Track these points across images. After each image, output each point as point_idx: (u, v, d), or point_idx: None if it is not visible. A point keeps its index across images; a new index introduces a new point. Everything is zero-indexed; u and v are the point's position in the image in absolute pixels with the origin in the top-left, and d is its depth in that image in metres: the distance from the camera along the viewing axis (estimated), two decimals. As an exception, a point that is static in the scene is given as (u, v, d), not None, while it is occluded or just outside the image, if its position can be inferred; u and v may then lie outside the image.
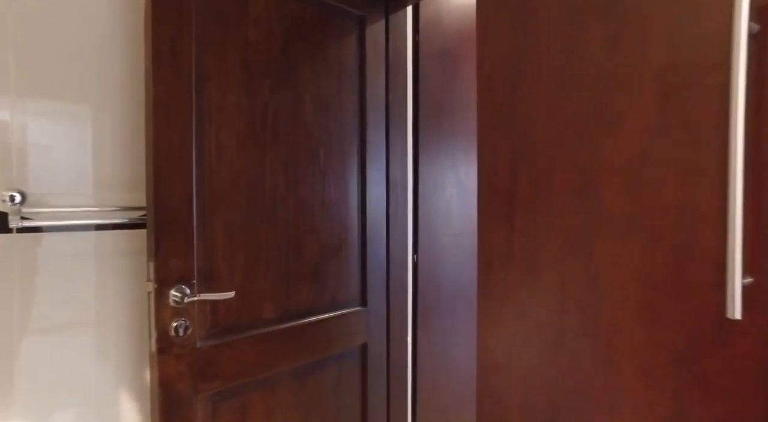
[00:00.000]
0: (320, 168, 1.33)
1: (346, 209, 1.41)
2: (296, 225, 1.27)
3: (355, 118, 1.44)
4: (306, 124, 1.29)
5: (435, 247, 1.81)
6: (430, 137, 1.77)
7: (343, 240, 1.40)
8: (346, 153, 1.41)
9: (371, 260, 1.49)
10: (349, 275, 1.43)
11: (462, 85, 1.93)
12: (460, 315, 1.95)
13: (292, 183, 1.26)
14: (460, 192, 1.94)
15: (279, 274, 1.23)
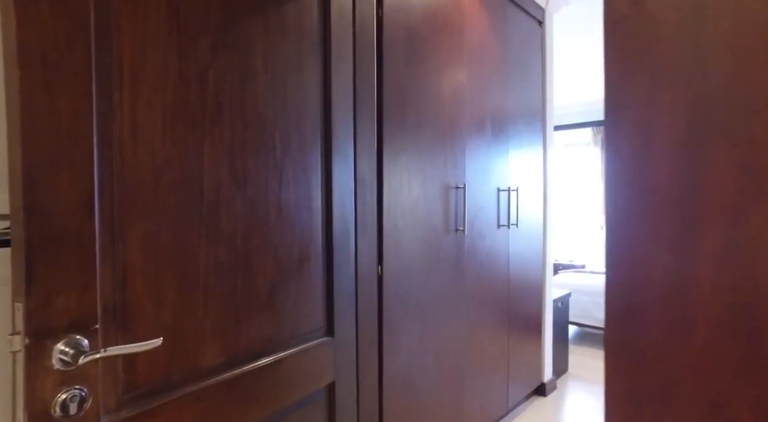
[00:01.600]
0: (276, 159, 1.02)
1: (308, 214, 1.11)
2: (246, 237, 0.95)
3: (318, 96, 1.14)
4: (258, 101, 0.97)
5: (402, 256, 1.56)
6: (394, 130, 1.52)
7: (305, 255, 1.10)
8: (308, 141, 1.11)
9: (338, 277, 1.20)
10: (312, 299, 1.12)
11: (428, 72, 1.70)
12: (430, 331, 1.72)
13: (240, 179, 0.93)
14: (428, 192, 1.71)
15: (224, 304, 0.90)
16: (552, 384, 2.68)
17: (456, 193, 1.91)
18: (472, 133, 2.03)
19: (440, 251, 1.80)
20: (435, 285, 1.76)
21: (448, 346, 1.84)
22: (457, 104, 1.90)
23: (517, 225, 2.37)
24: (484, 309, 2.13)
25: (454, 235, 1.90)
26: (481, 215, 2.11)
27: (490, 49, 2.15)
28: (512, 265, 2.38)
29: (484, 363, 2.12)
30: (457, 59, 1.90)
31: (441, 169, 1.81)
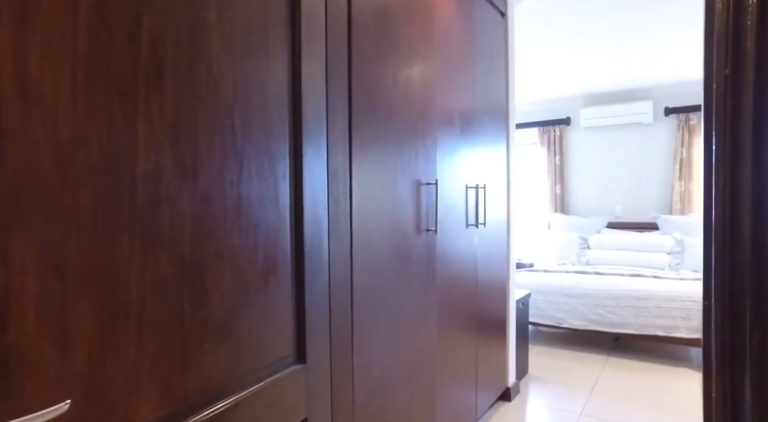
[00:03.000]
0: (235, 144, 0.79)
1: (275, 212, 0.88)
2: (197, 242, 0.71)
3: (285, 70, 0.92)
4: (212, 66, 0.74)
5: (373, 261, 1.37)
6: (363, 119, 1.32)
7: (272, 263, 0.88)
8: (274, 124, 0.88)
9: (310, 290, 0.98)
10: (280, 318, 0.90)
11: (400, 57, 1.52)
12: (403, 342, 1.54)
13: (188, 168, 0.70)
14: (399, 188, 1.53)
15: (167, 336, 0.66)
16: (516, 387, 2.60)
17: (427, 190, 1.75)
18: (442, 126, 1.88)
19: (411, 253, 1.63)
20: (407, 292, 1.58)
21: (420, 357, 1.67)
22: (428, 94, 1.74)
23: (485, 224, 2.26)
24: (454, 314, 1.98)
25: (425, 236, 1.74)
26: (451, 214, 1.96)
27: (457, 38, 2.01)
28: (480, 267, 2.26)
29: (455, 372, 1.98)
30: (428, 46, 1.73)
31: (412, 163, 1.63)
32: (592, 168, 4.81)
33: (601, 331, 3.12)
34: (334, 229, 1.11)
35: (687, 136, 4.27)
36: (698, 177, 4.23)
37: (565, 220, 4.60)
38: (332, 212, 1.10)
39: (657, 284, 3.13)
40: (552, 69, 3.91)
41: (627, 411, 2.33)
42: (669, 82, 4.20)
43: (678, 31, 3.10)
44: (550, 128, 4.95)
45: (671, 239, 3.89)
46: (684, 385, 2.65)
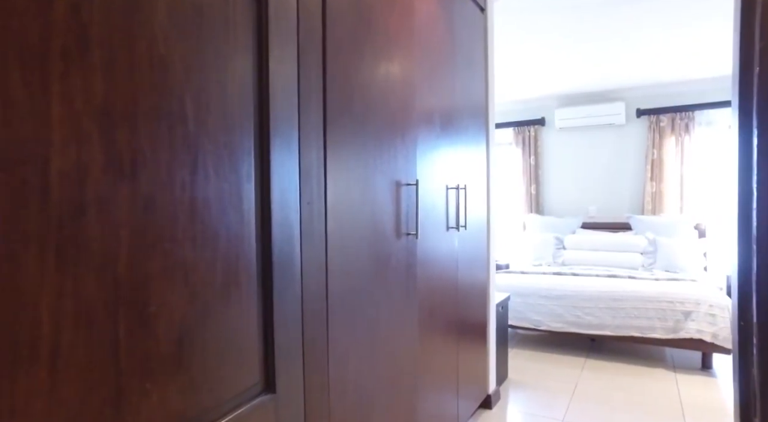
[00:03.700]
0: (188, 136, 0.65)
1: (237, 217, 0.75)
2: (136, 257, 0.57)
3: (249, 50, 0.79)
4: (156, 38, 0.60)
5: (349, 268, 1.25)
6: (339, 113, 1.20)
7: (233, 277, 0.74)
8: (235, 113, 0.75)
9: (280, 305, 0.85)
10: (244, 341, 0.77)
11: (378, 48, 1.40)
12: (381, 356, 1.42)
13: (124, 164, 0.56)
14: (377, 189, 1.41)
15: (94, 378, 0.52)
16: (496, 394, 2.53)
17: (407, 191, 1.64)
18: (423, 123, 1.77)
19: (391, 259, 1.52)
20: (387, 301, 1.47)
21: (400, 368, 1.56)
22: (408, 89, 1.63)
23: (466, 227, 2.17)
24: (435, 322, 1.88)
25: (406, 240, 1.63)
26: (432, 216, 1.86)
27: (437, 32, 1.91)
28: (460, 271, 2.17)
29: (436, 382, 1.88)
30: (408, 38, 1.63)
31: (392, 162, 1.52)
32: (566, 168, 4.82)
33: (578, 333, 3.09)
34: (307, 235, 0.99)
35: (658, 137, 4.33)
36: (669, 177, 4.29)
37: (541, 221, 4.59)
38: (305, 215, 0.98)
39: (633, 285, 3.13)
40: (527, 69, 3.88)
41: (608, 416, 2.28)
42: (641, 83, 4.24)
43: (650, 32, 3.11)
44: (525, 128, 4.94)
45: (644, 239, 3.93)
46: (661, 386, 2.64)
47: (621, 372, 2.86)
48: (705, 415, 2.29)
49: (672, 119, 4.27)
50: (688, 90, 4.26)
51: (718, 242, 4.20)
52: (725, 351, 2.78)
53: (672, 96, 4.33)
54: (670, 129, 4.29)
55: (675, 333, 2.85)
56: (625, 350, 3.29)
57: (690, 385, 2.65)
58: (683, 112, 4.22)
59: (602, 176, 4.64)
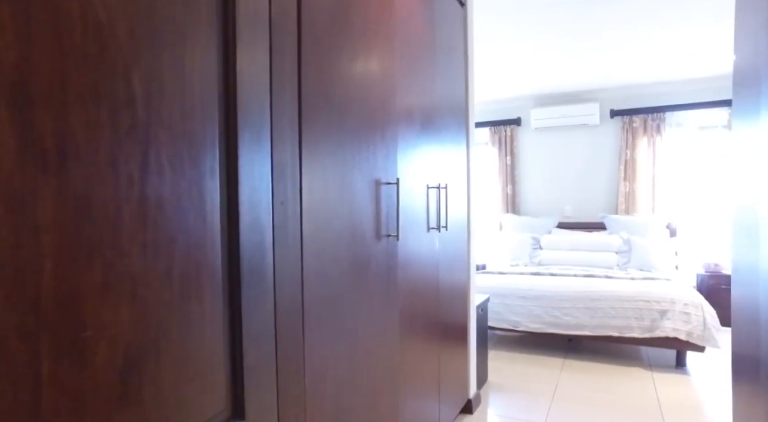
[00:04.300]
0: (135, 121, 0.55)
1: (198, 220, 0.65)
2: (66, 270, 0.47)
3: (213, 27, 0.68)
4: (93, 0, 0.50)
5: (328, 273, 1.15)
6: (316, 107, 1.10)
7: (194, 289, 0.64)
8: (196, 99, 0.65)
9: (249, 318, 0.75)
10: (206, 363, 0.66)
11: (356, 39, 1.31)
12: (361, 367, 1.33)
13: (49, 155, 0.45)
14: (356, 188, 1.32)
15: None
16: (477, 398, 2.47)
17: (387, 190, 1.55)
18: (403, 120, 1.69)
19: (371, 262, 1.43)
20: (367, 306, 1.37)
21: (381, 377, 1.47)
22: (388, 83, 1.55)
23: (447, 227, 2.10)
24: (416, 326, 1.80)
25: (386, 242, 1.54)
26: (413, 217, 1.78)
27: (418, 25, 1.84)
28: (441, 273, 2.10)
29: (417, 388, 1.80)
30: (387, 30, 1.54)
31: (371, 159, 1.43)
32: (542, 168, 4.84)
33: (557, 334, 3.08)
34: (281, 238, 0.89)
35: (631, 137, 4.39)
36: (641, 178, 4.36)
37: (517, 221, 4.59)
38: (278, 217, 0.87)
39: (610, 284, 3.13)
40: (503, 68, 3.86)
41: (590, 417, 2.26)
42: (614, 84, 4.29)
43: (624, 33, 3.12)
44: (502, 128, 4.94)
45: (619, 239, 3.96)
46: (639, 385, 2.64)
47: (599, 372, 2.85)
48: (682, 414, 2.29)
49: (644, 120, 4.34)
50: (659, 91, 4.34)
51: (688, 241, 4.29)
52: (699, 349, 2.81)
53: (644, 97, 4.39)
54: (643, 130, 4.35)
55: (651, 332, 2.86)
56: (602, 349, 3.30)
57: (666, 384, 2.67)
58: (654, 114, 4.29)
59: (577, 176, 4.67)
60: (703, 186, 4.28)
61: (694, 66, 3.78)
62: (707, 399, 2.47)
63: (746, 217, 1.08)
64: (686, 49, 3.41)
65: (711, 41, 3.26)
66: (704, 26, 3.02)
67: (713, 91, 4.17)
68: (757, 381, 1.02)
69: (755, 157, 1.01)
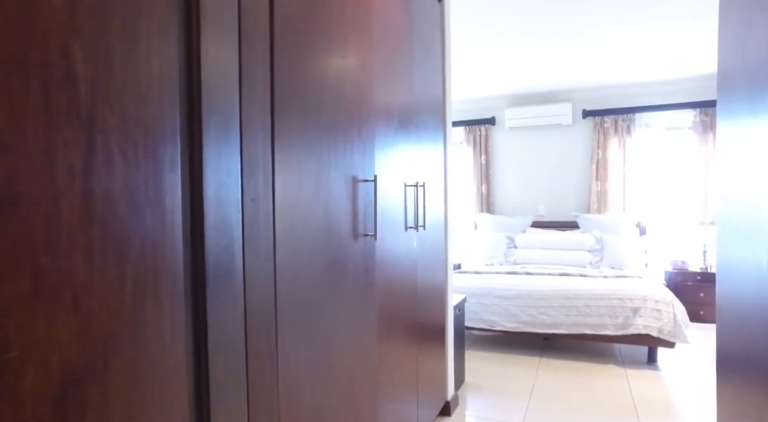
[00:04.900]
0: (76, 101, 0.46)
1: (155, 218, 0.57)
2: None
3: (171, 3, 0.60)
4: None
5: (303, 276, 1.08)
6: (289, 97, 1.03)
7: (150, 297, 0.56)
8: (153, 81, 0.57)
9: (215, 328, 0.68)
10: (166, 381, 0.58)
11: (333, 29, 1.24)
12: (340, 375, 1.26)
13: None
14: (332, 185, 1.25)
15: None
16: (455, 400, 2.44)
17: (365, 188, 1.49)
18: (381, 116, 1.63)
19: (348, 263, 1.36)
20: (344, 310, 1.31)
21: (358, 382, 1.40)
22: (366, 78, 1.48)
23: (425, 226, 2.05)
24: (394, 328, 1.75)
25: (363, 242, 1.48)
26: (391, 215, 1.72)
27: (396, 18, 1.78)
28: (419, 274, 2.05)
29: (395, 394, 1.74)
30: (365, 22, 1.47)
31: (348, 156, 1.36)
32: (516, 168, 4.87)
33: (533, 333, 3.08)
34: (252, 239, 0.81)
35: (602, 138, 4.46)
36: (613, 177, 4.44)
37: (492, 220, 4.60)
38: (248, 215, 0.80)
39: (585, 283, 3.16)
40: (478, 68, 3.86)
41: (567, 417, 2.25)
42: (586, 85, 4.35)
43: (596, 35, 3.16)
44: (476, 127, 4.94)
45: (591, 237, 4.02)
46: (614, 382, 2.67)
47: (575, 370, 2.87)
48: (655, 409, 2.32)
49: (615, 121, 4.42)
50: (630, 93, 4.43)
51: (657, 239, 4.39)
52: (669, 345, 2.86)
53: (615, 98, 4.48)
54: (614, 130, 4.43)
55: (624, 330, 2.90)
56: (576, 347, 3.33)
57: (639, 380, 2.70)
58: (625, 114, 4.38)
59: (550, 175, 4.73)
60: (670, 185, 4.40)
61: (663, 68, 3.87)
62: (678, 393, 2.51)
63: (735, 215, 1.07)
64: (655, 51, 3.48)
65: (679, 44, 3.34)
66: (673, 29, 3.08)
67: (680, 93, 4.29)
68: (745, 378, 1.01)
69: (748, 155, 1.00)
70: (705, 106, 4.14)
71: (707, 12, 2.84)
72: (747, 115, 0.98)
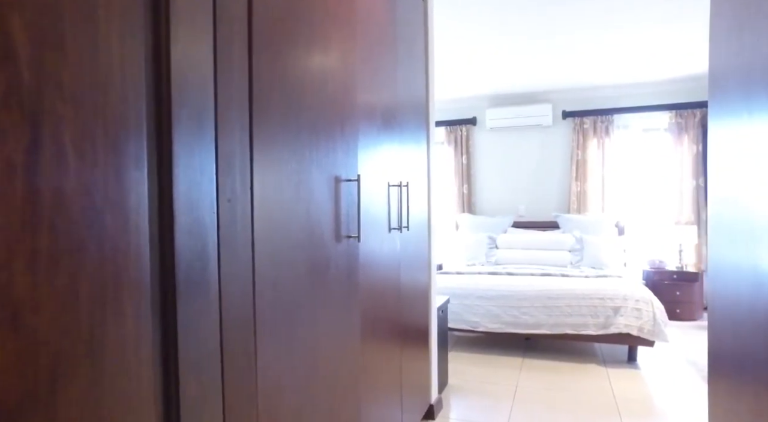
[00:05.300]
0: (18, 86, 0.40)
1: (118, 220, 0.50)
2: None
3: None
4: None
5: (283, 281, 1.02)
6: (269, 92, 0.97)
7: (110, 312, 0.49)
8: (114, 68, 0.50)
9: (187, 342, 0.61)
10: (129, 404, 0.52)
11: (315, 22, 1.18)
12: (322, 378, 1.20)
13: None
14: (314, 185, 1.19)
15: None
16: (439, 403, 2.40)
17: (348, 188, 1.43)
18: (363, 115, 1.57)
19: (330, 266, 1.30)
20: (326, 315, 1.25)
21: (342, 392, 1.35)
22: (349, 76, 1.43)
23: (408, 227, 2.00)
24: (378, 332, 1.69)
25: (347, 244, 1.42)
26: (374, 216, 1.67)
27: (380, 16, 1.73)
28: (403, 276, 2.00)
29: (379, 398, 1.69)
30: (349, 16, 1.42)
31: (330, 154, 1.31)
32: (497, 168, 4.88)
33: (515, 333, 3.07)
34: (228, 242, 0.75)
35: (581, 138, 4.51)
36: (592, 177, 4.49)
37: (473, 220, 4.59)
38: (224, 217, 0.74)
39: (567, 283, 3.17)
40: (459, 68, 3.84)
41: (551, 417, 2.24)
42: (566, 86, 4.39)
43: (576, 36, 3.17)
44: (457, 128, 4.93)
45: (572, 237, 4.05)
46: (595, 381, 2.68)
47: (557, 371, 2.87)
48: (636, 408, 2.33)
49: (594, 122, 4.47)
50: (608, 94, 4.49)
51: (635, 239, 4.46)
52: (649, 344, 2.89)
53: (594, 99, 4.53)
54: (593, 131, 4.48)
55: (606, 329, 2.92)
56: (558, 347, 3.34)
57: (619, 379, 2.72)
58: (603, 115, 4.43)
59: (531, 176, 4.75)
60: (647, 186, 4.47)
61: (641, 71, 3.92)
62: (658, 392, 2.53)
63: (730, 215, 1.05)
64: (633, 54, 3.52)
65: (656, 47, 3.38)
66: (650, 33, 3.12)
67: (657, 95, 4.36)
68: (740, 379, 0.99)
69: (745, 155, 0.98)
70: (680, 108, 4.23)
71: (684, 16, 2.88)
72: (742, 115, 0.97)
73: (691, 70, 3.89)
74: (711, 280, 1.19)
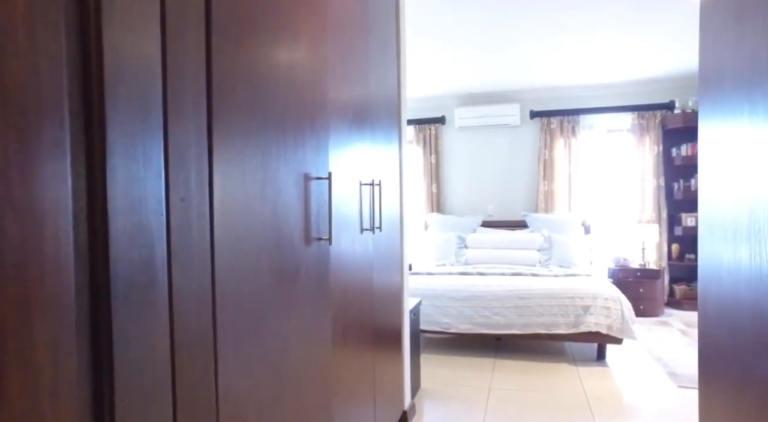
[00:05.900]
0: None
1: (26, 226, 0.39)
2: None
3: None
4: None
5: (248, 291, 0.90)
6: (230, 81, 0.85)
7: (6, 341, 0.37)
8: (16, 17, 0.38)
9: (126, 375, 0.50)
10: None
11: (284, 7, 1.07)
12: (292, 394, 1.09)
13: None
14: (281, 184, 1.08)
15: None
16: (412, 409, 2.33)
17: (318, 187, 1.33)
18: (336, 110, 1.47)
19: (300, 271, 1.19)
20: (296, 323, 1.14)
21: (312, 406, 1.24)
22: (320, 69, 1.32)
23: (381, 228, 1.91)
24: (350, 338, 1.59)
25: (317, 247, 1.32)
26: (345, 217, 1.57)
27: (352, 12, 1.63)
28: (375, 278, 1.91)
29: (352, 409, 1.59)
30: (320, 11, 1.31)
31: (299, 151, 1.20)
32: (466, 167, 4.87)
33: (487, 334, 3.04)
34: (181, 249, 0.63)
35: (549, 138, 4.55)
36: (559, 177, 4.54)
37: (443, 220, 4.56)
38: (177, 220, 0.62)
39: (537, 282, 3.17)
40: (429, 66, 3.79)
41: (525, 418, 2.21)
42: (534, 86, 4.42)
43: (544, 37, 3.18)
44: (426, 126, 4.89)
45: (540, 236, 4.07)
46: (567, 380, 2.67)
47: (529, 371, 2.85)
48: (607, 405, 2.33)
49: (561, 122, 4.52)
50: (575, 95, 4.55)
51: (600, 237, 4.55)
52: (617, 342, 2.92)
53: (561, 100, 4.58)
54: (560, 131, 4.53)
55: (576, 328, 2.93)
56: (529, 347, 3.34)
57: (590, 377, 2.73)
58: (570, 116, 4.49)
59: (499, 175, 4.76)
60: (611, 185, 4.57)
61: (605, 73, 3.99)
62: (627, 389, 2.56)
63: (725, 216, 1.02)
64: (598, 56, 3.57)
65: (619, 51, 3.44)
66: (614, 36, 3.16)
67: (620, 96, 4.46)
68: (739, 381, 0.96)
69: (742, 155, 0.94)
70: (642, 109, 4.33)
71: (648, 21, 2.92)
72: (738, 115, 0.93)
73: (653, 72, 3.99)
74: (702, 280, 1.17)
